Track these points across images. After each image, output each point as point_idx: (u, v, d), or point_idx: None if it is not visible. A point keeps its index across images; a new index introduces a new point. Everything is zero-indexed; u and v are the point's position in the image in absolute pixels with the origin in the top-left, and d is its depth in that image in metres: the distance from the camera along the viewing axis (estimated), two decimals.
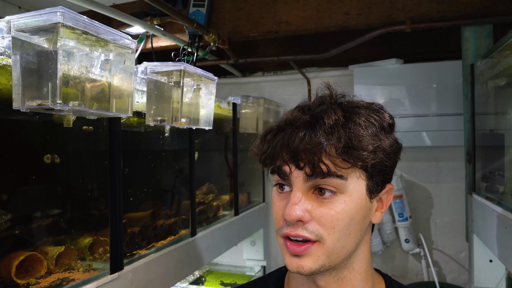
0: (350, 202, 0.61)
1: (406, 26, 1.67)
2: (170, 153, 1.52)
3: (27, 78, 0.73)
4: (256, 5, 1.88)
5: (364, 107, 0.64)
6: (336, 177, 0.59)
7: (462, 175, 1.86)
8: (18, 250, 0.92)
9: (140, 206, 1.37)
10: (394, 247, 2.42)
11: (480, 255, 1.66)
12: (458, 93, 1.95)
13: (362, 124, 0.61)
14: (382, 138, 0.62)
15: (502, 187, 1.46)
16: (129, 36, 0.88)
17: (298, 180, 0.61)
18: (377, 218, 0.66)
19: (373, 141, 0.60)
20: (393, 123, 0.66)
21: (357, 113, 0.62)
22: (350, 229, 0.61)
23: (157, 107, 1.18)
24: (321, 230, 0.60)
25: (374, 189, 0.63)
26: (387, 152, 0.62)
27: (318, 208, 0.60)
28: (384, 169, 0.63)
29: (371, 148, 0.59)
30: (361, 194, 0.62)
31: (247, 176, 2.33)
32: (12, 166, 0.92)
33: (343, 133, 0.59)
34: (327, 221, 0.60)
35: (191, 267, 1.51)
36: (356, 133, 0.59)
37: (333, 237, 0.60)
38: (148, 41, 1.96)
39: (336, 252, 0.61)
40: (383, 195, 0.66)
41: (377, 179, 0.63)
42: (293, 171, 0.61)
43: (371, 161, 0.59)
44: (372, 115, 0.63)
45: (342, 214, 0.60)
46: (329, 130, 0.59)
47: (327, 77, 2.52)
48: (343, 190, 0.60)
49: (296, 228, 0.61)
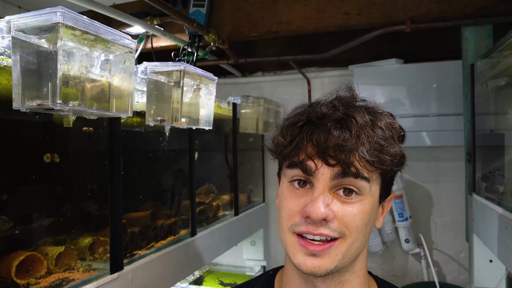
0: (368, 205, 0.62)
1: (406, 26, 1.67)
2: (170, 153, 1.52)
3: (27, 78, 0.73)
4: (256, 5, 1.88)
5: (380, 113, 0.65)
6: (362, 178, 0.59)
7: (462, 175, 1.86)
8: (18, 250, 0.92)
9: (140, 206, 1.37)
10: (394, 247, 2.41)
11: (480, 255, 1.66)
12: (458, 93, 1.94)
13: (384, 129, 0.61)
14: (397, 145, 0.63)
15: (502, 187, 1.46)
16: (129, 36, 0.88)
17: (324, 177, 0.59)
18: (379, 222, 0.69)
19: (394, 147, 0.62)
20: (404, 134, 0.68)
21: (379, 118, 0.63)
22: (365, 231, 0.62)
23: (157, 107, 1.18)
24: (343, 227, 0.60)
25: (384, 195, 0.66)
26: (400, 161, 0.64)
27: (341, 207, 0.60)
28: (394, 177, 0.66)
29: (393, 153, 0.61)
30: (376, 198, 0.63)
31: (247, 176, 2.33)
32: (12, 166, 0.92)
33: (372, 136, 0.59)
34: (350, 220, 0.60)
35: (191, 267, 1.51)
36: (382, 136, 0.60)
37: (353, 236, 0.61)
38: (148, 41, 1.96)
39: (351, 252, 0.62)
40: (387, 202, 0.69)
41: (388, 185, 0.66)
42: (320, 168, 0.59)
43: (392, 166, 0.61)
44: (389, 123, 0.64)
45: (363, 215, 0.61)
46: (360, 131, 0.58)
47: (327, 77, 2.55)
48: (364, 193, 0.61)
49: (318, 226, 0.59)
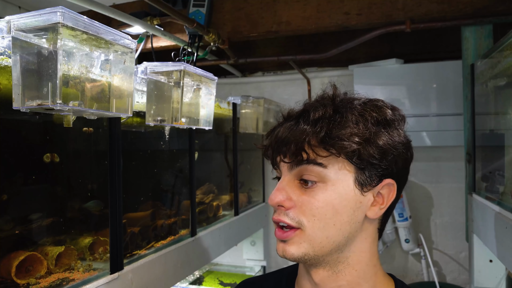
0: (332, 192, 0.62)
1: (406, 26, 1.67)
2: (170, 153, 1.52)
3: (27, 78, 0.73)
4: (256, 5, 1.88)
5: (362, 103, 0.65)
6: (315, 164, 0.62)
7: (462, 175, 1.86)
8: (18, 250, 0.92)
9: (140, 206, 1.37)
10: (394, 247, 2.42)
11: (480, 255, 1.66)
12: (458, 93, 1.95)
13: (351, 118, 0.62)
14: (376, 132, 0.62)
15: (502, 187, 1.46)
16: (129, 36, 0.88)
17: (284, 168, 0.66)
18: (373, 213, 0.65)
19: (360, 134, 0.61)
20: (393, 118, 0.65)
21: (350, 108, 0.64)
22: (335, 219, 0.62)
23: (157, 107, 1.18)
24: (301, 217, 0.63)
25: (366, 182, 0.63)
26: (379, 146, 0.62)
27: (300, 196, 0.64)
28: (375, 163, 0.62)
29: (356, 140, 0.60)
30: (347, 185, 0.62)
31: (247, 176, 2.33)
32: (12, 166, 0.92)
33: (325, 124, 0.62)
34: (307, 209, 0.63)
35: (191, 267, 1.51)
36: (341, 124, 0.61)
37: (313, 225, 0.62)
38: (148, 41, 1.96)
39: (319, 241, 0.63)
40: (382, 189, 0.65)
41: (370, 173, 0.63)
42: (280, 161, 0.66)
43: (352, 151, 0.60)
44: (368, 110, 0.64)
45: (322, 203, 0.62)
46: (313, 122, 0.63)
47: (327, 77, 2.55)
48: (324, 180, 0.62)
49: (279, 213, 0.65)
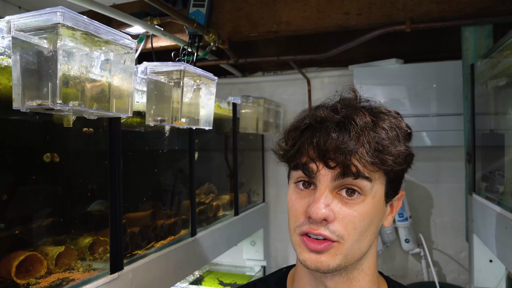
0: (372, 205, 0.63)
1: (406, 26, 1.66)
2: (170, 153, 1.52)
3: (27, 78, 0.73)
4: (256, 5, 1.88)
5: (385, 114, 0.66)
6: (363, 178, 0.61)
7: (462, 175, 1.86)
8: (18, 250, 0.92)
9: (140, 206, 1.37)
10: (394, 247, 2.41)
11: (480, 255, 1.66)
12: (458, 93, 1.94)
13: (387, 129, 0.63)
14: (402, 145, 0.64)
15: (502, 187, 1.46)
16: (129, 36, 0.88)
17: (325, 178, 0.62)
18: (388, 222, 0.69)
19: (396, 148, 0.62)
20: (411, 132, 0.69)
21: (381, 119, 0.64)
22: (368, 231, 0.63)
23: (157, 107, 1.18)
24: (342, 230, 0.61)
25: (390, 194, 0.66)
26: (404, 160, 0.65)
27: (342, 208, 0.62)
28: (401, 175, 0.66)
29: (395, 153, 0.62)
30: (380, 197, 0.64)
31: (247, 176, 2.33)
32: (12, 166, 0.92)
33: (372, 137, 0.61)
34: (350, 222, 0.61)
35: (191, 267, 1.51)
36: (383, 137, 0.62)
37: (353, 238, 0.62)
38: (148, 41, 1.96)
39: (353, 253, 0.63)
40: (395, 200, 0.69)
41: (394, 185, 0.66)
42: (321, 169, 0.62)
43: (394, 165, 0.62)
44: (394, 122, 0.65)
45: (364, 216, 0.62)
46: (360, 132, 0.61)
47: (327, 77, 2.55)
48: (367, 193, 0.62)
49: (319, 226, 0.61)
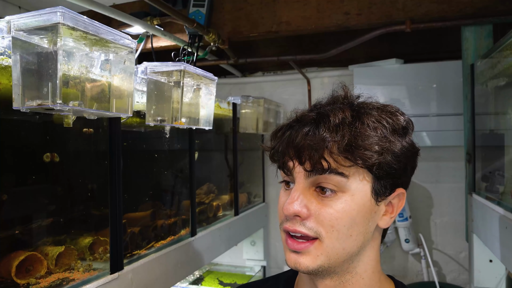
0: (352, 202, 0.60)
1: (406, 26, 1.67)
2: (170, 153, 1.52)
3: (27, 78, 0.73)
4: (256, 5, 1.88)
5: (377, 109, 0.64)
6: (336, 174, 0.59)
7: (462, 175, 1.86)
8: (18, 250, 0.92)
9: (140, 206, 1.37)
10: (394, 247, 2.41)
11: (480, 255, 1.66)
12: (458, 93, 1.94)
13: (370, 124, 0.60)
14: (393, 141, 0.61)
15: (502, 187, 1.46)
16: (129, 36, 0.88)
17: (299, 175, 0.62)
18: (385, 222, 0.65)
19: (381, 143, 0.59)
20: (407, 126, 0.66)
21: (368, 114, 0.62)
22: (352, 230, 0.61)
23: (157, 107, 1.18)
24: (318, 227, 0.60)
25: (381, 192, 0.62)
26: (396, 155, 0.61)
27: (317, 205, 0.60)
28: (392, 172, 0.62)
29: (377, 149, 0.59)
30: (365, 195, 0.61)
31: (247, 176, 2.33)
32: (12, 166, 0.92)
33: (347, 132, 0.59)
34: (326, 219, 0.60)
35: (191, 267, 1.51)
36: (363, 132, 0.59)
37: (332, 236, 0.60)
38: (148, 41, 1.96)
39: (336, 253, 0.61)
40: (393, 199, 0.65)
41: (385, 182, 0.62)
42: (296, 167, 0.62)
43: (375, 161, 0.59)
44: (385, 117, 0.62)
45: (342, 214, 0.60)
46: (334, 128, 0.59)
47: (327, 77, 2.55)
48: (344, 189, 0.60)
49: (294, 223, 0.61)
